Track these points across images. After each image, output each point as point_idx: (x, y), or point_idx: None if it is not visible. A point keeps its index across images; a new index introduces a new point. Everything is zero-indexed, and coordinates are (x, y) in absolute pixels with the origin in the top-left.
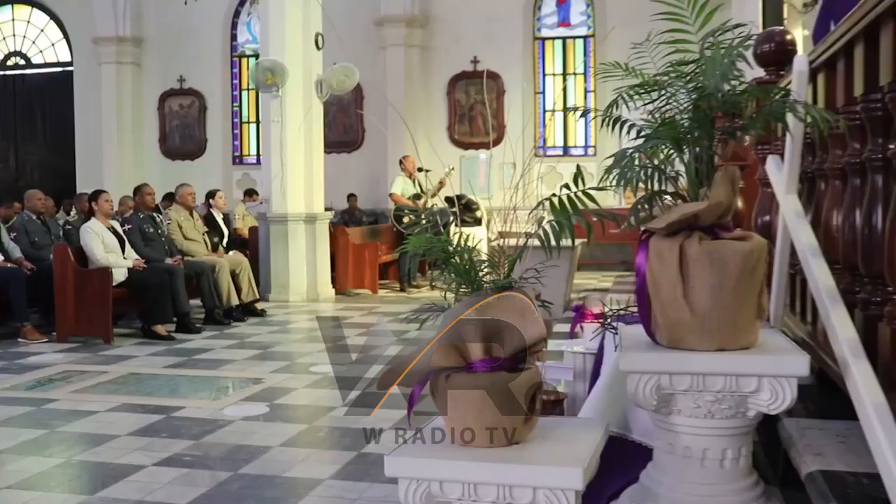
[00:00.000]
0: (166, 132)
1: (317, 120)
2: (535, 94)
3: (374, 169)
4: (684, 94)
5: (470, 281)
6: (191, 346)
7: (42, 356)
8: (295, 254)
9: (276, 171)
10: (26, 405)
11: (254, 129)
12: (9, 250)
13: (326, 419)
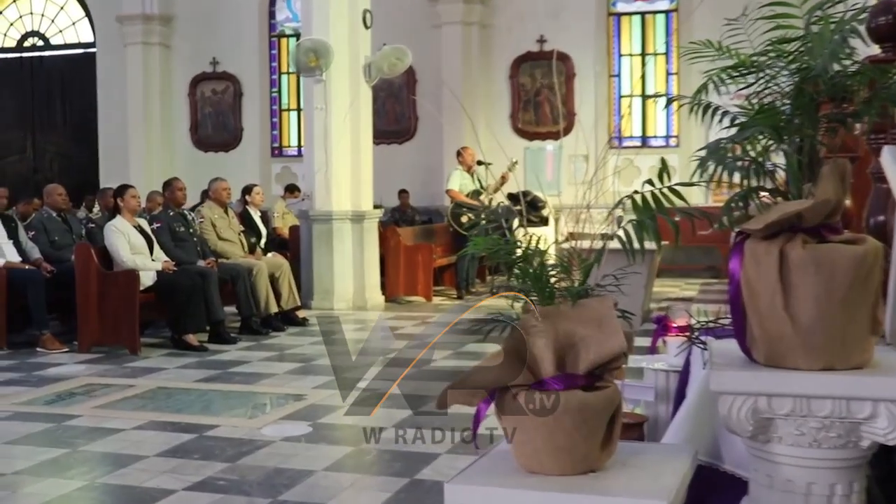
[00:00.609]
0: (198, 121)
1: (365, 107)
2: (610, 77)
3: (429, 162)
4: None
5: (541, 288)
6: (225, 358)
7: (62, 368)
8: (340, 256)
9: (320, 165)
10: (45, 421)
11: (295, 117)
12: (27, 250)
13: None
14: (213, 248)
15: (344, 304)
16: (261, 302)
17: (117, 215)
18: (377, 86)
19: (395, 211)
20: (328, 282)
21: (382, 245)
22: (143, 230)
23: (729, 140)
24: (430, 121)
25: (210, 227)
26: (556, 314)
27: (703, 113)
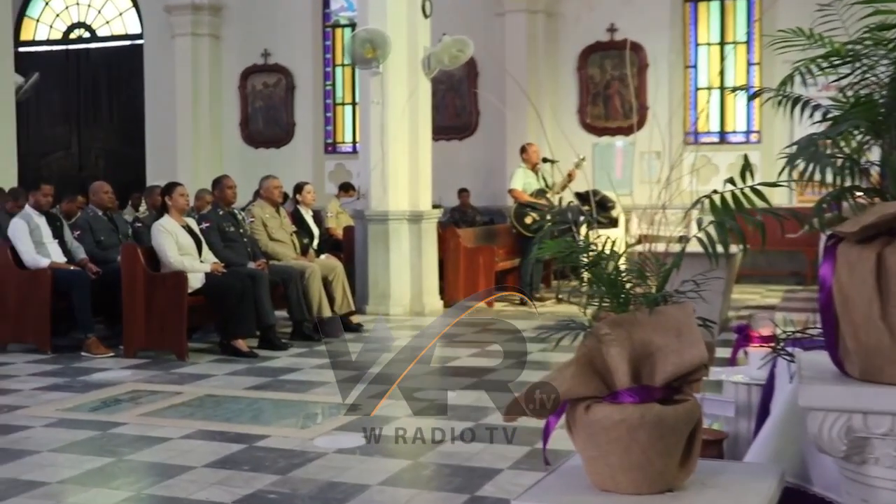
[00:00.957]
0: (248, 115)
1: (424, 101)
2: (685, 68)
3: (491, 159)
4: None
5: (616, 294)
6: (276, 365)
7: (107, 373)
8: (397, 259)
9: (376, 162)
10: (90, 429)
11: (349, 111)
12: (72, 250)
13: (434, 454)
14: (264, 250)
15: (400, 309)
16: (313, 306)
17: (165, 214)
18: (436, 78)
19: (455, 211)
20: (384, 285)
21: (441, 247)
22: (191, 230)
23: (821, 135)
24: (492, 116)
25: (261, 228)
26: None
27: (793, 107)
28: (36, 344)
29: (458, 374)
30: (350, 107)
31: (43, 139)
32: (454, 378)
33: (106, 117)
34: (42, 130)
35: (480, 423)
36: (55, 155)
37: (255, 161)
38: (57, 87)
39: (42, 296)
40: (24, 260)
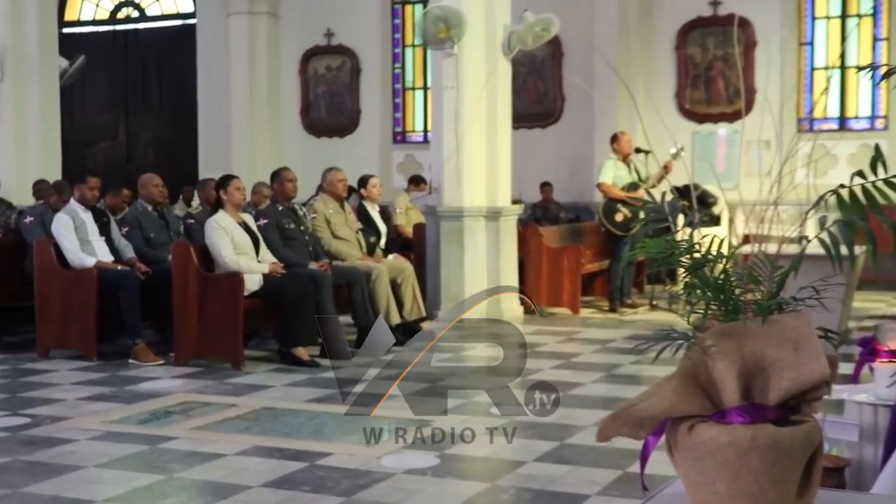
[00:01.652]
0: (310, 101)
1: (503, 85)
2: (800, 45)
3: (577, 149)
4: None
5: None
6: (340, 376)
7: (157, 382)
8: (472, 259)
9: (450, 153)
10: (138, 443)
11: (420, 97)
12: (120, 248)
13: (513, 477)
14: (327, 249)
15: (476, 315)
16: (381, 311)
17: (219, 210)
18: (517, 59)
19: (537, 207)
20: (458, 289)
21: (521, 247)
22: (247, 227)
23: None
24: (578, 101)
25: (324, 225)
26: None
27: None
28: (80, 350)
29: (541, 389)
30: (421, 92)
31: (88, 128)
32: (538, 393)
33: (155, 104)
34: (87, 118)
35: (566, 442)
36: (101, 145)
37: (317, 152)
38: (103, 70)
39: (87, 298)
40: (69, 259)
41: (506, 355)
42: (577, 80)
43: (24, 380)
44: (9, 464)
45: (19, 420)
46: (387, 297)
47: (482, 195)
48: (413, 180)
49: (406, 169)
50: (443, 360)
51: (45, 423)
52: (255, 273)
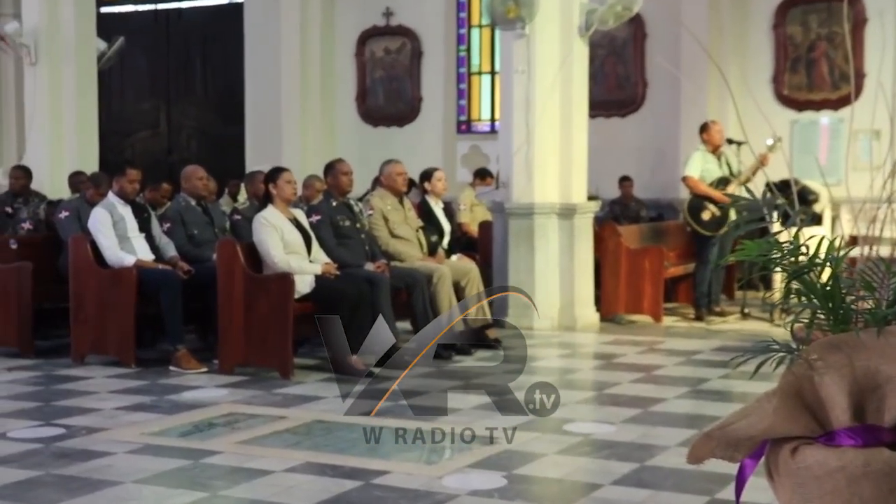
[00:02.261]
0: (366, 87)
1: (579, 69)
2: None
3: (661, 140)
4: None
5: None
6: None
7: (200, 392)
8: (544, 261)
9: (520, 144)
10: (179, 457)
11: (487, 82)
12: (161, 246)
13: (588, 501)
14: (385, 248)
15: (547, 323)
16: (443, 316)
17: (268, 205)
18: (594, 41)
19: (616, 204)
20: (528, 293)
21: (598, 248)
22: (299, 224)
23: None
24: (663, 86)
25: (381, 222)
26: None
27: None
28: (118, 356)
29: (618, 403)
30: (488, 77)
31: (127, 116)
32: (613, 408)
33: (199, 90)
34: (126, 106)
35: (646, 464)
36: (140, 134)
37: (375, 142)
38: (143, 54)
39: (126, 299)
40: (107, 257)
41: (579, 367)
42: (662, 62)
43: (57, 387)
44: (41, 478)
45: (52, 431)
46: (449, 301)
47: (555, 190)
48: (479, 174)
49: (471, 161)
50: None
51: (79, 434)
52: (307, 274)
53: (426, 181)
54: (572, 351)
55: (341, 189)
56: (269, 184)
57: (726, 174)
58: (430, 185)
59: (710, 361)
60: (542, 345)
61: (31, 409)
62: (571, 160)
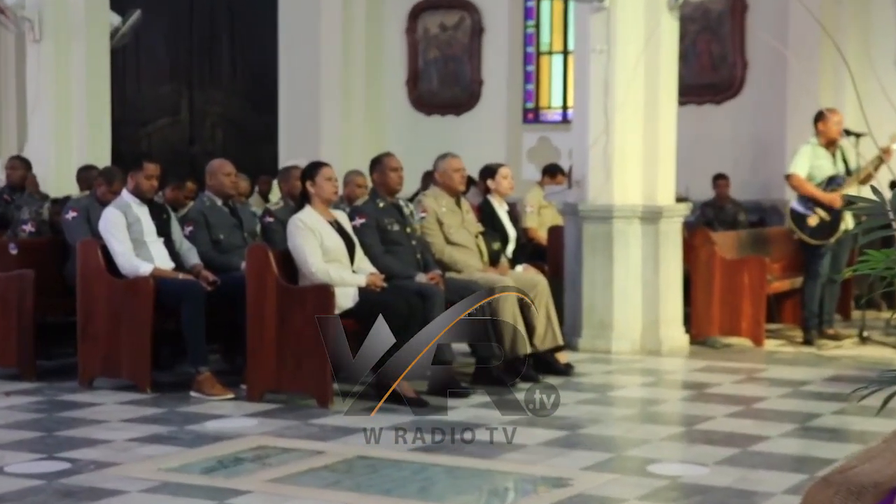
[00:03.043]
0: (418, 70)
1: (667, 48)
2: None
3: (763, 131)
4: None
5: None
6: (452, 418)
7: (225, 422)
8: (623, 273)
9: (597, 135)
10: (202, 497)
11: (559, 64)
12: (182, 253)
13: None
14: (439, 257)
15: (627, 346)
16: (505, 337)
17: (305, 205)
18: (686, 15)
19: (709, 206)
20: (604, 311)
21: (687, 258)
22: (341, 228)
23: None
24: (767, 67)
25: (435, 226)
26: None
27: None
28: (132, 379)
29: (712, 440)
30: (560, 57)
31: (144, 102)
32: (705, 447)
33: (226, 72)
34: (143, 90)
35: None
36: (159, 123)
37: (428, 133)
38: (163, 30)
39: (142, 314)
40: (120, 264)
41: (665, 398)
42: (766, 37)
43: (62, 415)
44: None
45: (56, 465)
46: (514, 319)
47: (637, 190)
48: (548, 170)
49: (539, 156)
50: (585, 402)
51: (87, 469)
52: (349, 286)
53: (488, 179)
54: (657, 379)
55: (389, 188)
56: (306, 181)
57: (841, 172)
58: (493, 183)
59: (821, 394)
60: (622, 371)
61: (31, 440)
62: (657, 155)
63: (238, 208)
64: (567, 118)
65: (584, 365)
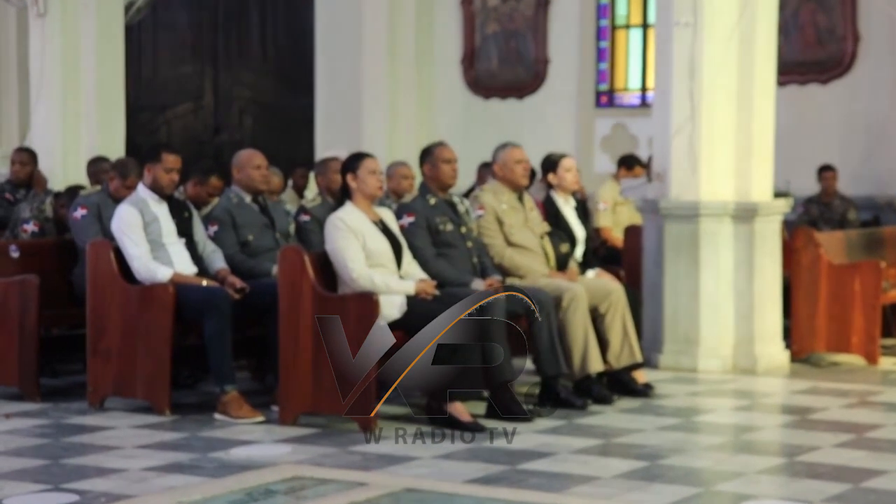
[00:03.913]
0: (475, 47)
1: (764, 19)
2: None
3: (878, 115)
4: None
5: None
6: (514, 446)
7: (255, 448)
8: (713, 279)
9: (682, 121)
10: None
11: (637, 39)
12: (206, 256)
13: None
14: (499, 261)
15: (717, 364)
16: (575, 353)
17: (346, 202)
18: None
19: (813, 203)
20: (689, 324)
21: (788, 262)
22: (386, 228)
23: None
24: (883, 41)
25: (494, 225)
26: None
27: None
28: (148, 400)
29: (818, 474)
30: (639, 32)
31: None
32: (810, 482)
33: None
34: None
35: None
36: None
37: (485, 120)
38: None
39: (160, 325)
40: (135, 269)
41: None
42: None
43: (69, 440)
44: None
45: (63, 498)
46: (584, 332)
47: (729, 184)
48: (625, 162)
49: (614, 145)
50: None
51: (97, 502)
52: (397, 294)
53: (552, 172)
54: (752, 402)
55: (442, 182)
56: (346, 174)
57: None
58: (555, 177)
59: None
60: (711, 393)
61: (34, 469)
62: (752, 144)
63: (269, 206)
64: (646, 102)
65: (666, 385)
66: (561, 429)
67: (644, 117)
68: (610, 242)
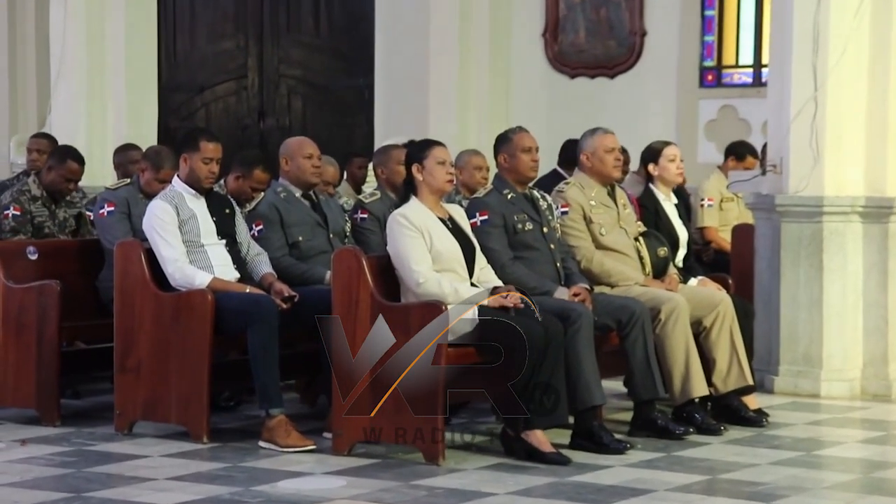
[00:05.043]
0: (559, 18)
1: None
2: None
3: None
4: None
5: None
6: (603, 481)
7: (305, 481)
8: (839, 288)
9: (803, 104)
10: None
11: (750, 7)
12: (250, 259)
13: None
14: (587, 265)
15: (843, 388)
16: (675, 374)
17: (411, 197)
18: None
19: None
20: (810, 340)
21: None
22: (456, 226)
23: None
24: None
25: (581, 225)
26: None
27: None
28: (183, 424)
29: None
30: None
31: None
32: None
33: (306, 24)
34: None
35: None
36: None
37: (572, 100)
38: None
39: (197, 339)
40: (169, 273)
41: (894, 460)
42: None
43: (94, 470)
44: None
45: None
46: (685, 350)
47: (859, 178)
48: (734, 151)
49: (722, 131)
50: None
51: None
52: (468, 304)
53: (650, 163)
54: (885, 433)
55: (521, 174)
56: (411, 165)
57: None
58: (656, 168)
59: None
60: (836, 422)
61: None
62: (887, 130)
63: (322, 201)
64: (761, 80)
65: (783, 413)
66: (658, 462)
67: (757, 98)
68: (716, 245)
